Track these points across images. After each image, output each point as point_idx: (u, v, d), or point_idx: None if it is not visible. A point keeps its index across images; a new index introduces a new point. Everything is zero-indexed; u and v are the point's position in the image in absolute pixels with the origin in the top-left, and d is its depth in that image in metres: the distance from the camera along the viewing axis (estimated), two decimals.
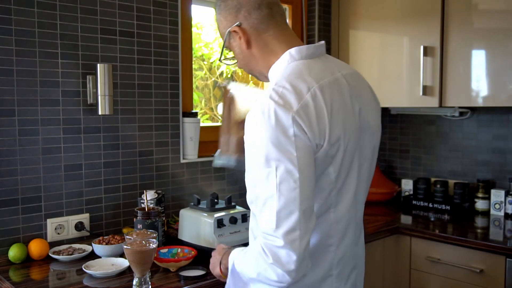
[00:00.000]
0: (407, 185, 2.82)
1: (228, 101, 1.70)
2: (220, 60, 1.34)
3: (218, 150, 1.67)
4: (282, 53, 1.21)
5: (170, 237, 1.93)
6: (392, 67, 2.56)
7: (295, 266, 1.03)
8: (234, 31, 1.22)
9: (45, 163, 1.87)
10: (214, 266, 1.34)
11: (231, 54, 1.34)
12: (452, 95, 2.35)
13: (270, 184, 1.04)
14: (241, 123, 1.69)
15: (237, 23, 1.21)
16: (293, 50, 1.20)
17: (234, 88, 1.75)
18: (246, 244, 1.77)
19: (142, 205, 1.86)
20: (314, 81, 1.12)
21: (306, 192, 1.05)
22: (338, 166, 1.14)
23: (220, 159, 1.65)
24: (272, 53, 1.23)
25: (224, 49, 1.30)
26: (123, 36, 2.06)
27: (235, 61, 1.33)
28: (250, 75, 1.87)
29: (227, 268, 1.26)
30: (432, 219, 2.44)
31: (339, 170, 1.15)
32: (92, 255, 1.76)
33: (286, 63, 1.19)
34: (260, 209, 1.07)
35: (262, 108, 1.06)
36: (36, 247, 1.75)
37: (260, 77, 1.31)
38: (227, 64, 1.43)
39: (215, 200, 1.84)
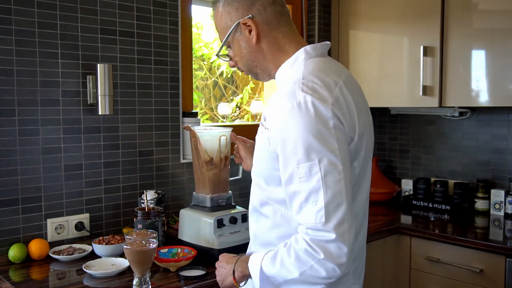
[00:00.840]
0: (407, 185, 2.82)
1: (194, 142, 1.74)
2: (217, 54, 1.30)
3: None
4: (292, 51, 1.20)
5: (170, 237, 1.93)
6: (392, 67, 2.56)
7: (346, 258, 1.01)
8: (245, 23, 1.19)
9: (45, 163, 1.87)
10: (226, 277, 1.24)
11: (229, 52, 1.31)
12: (452, 95, 2.35)
13: (313, 178, 1.02)
14: (209, 162, 1.74)
15: (249, 15, 1.19)
16: (308, 48, 1.19)
17: (198, 128, 1.78)
18: (246, 244, 1.77)
19: (142, 205, 1.86)
20: (337, 77, 1.13)
21: (348, 184, 1.04)
22: (361, 160, 1.16)
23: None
24: (282, 51, 1.21)
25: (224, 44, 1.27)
26: (123, 36, 2.06)
27: (229, 59, 1.29)
28: (249, 76, 1.86)
29: (245, 276, 1.19)
30: (432, 219, 2.44)
31: (361, 165, 1.17)
32: (92, 255, 1.76)
33: (303, 60, 1.18)
34: (301, 205, 1.04)
35: (297, 101, 1.04)
36: (36, 247, 1.75)
37: (262, 74, 1.27)
38: (224, 61, 1.37)
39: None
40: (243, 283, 1.22)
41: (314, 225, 1.02)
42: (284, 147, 1.06)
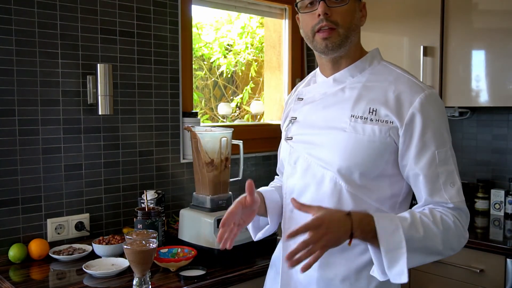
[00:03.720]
0: None
1: (195, 143, 1.74)
2: None
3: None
4: (364, 50, 1.28)
5: (170, 237, 1.93)
6: None
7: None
8: (361, 0, 1.26)
9: (45, 163, 1.87)
10: (340, 239, 1.04)
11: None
12: (452, 95, 2.35)
13: (453, 161, 1.17)
14: (209, 163, 1.73)
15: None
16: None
17: (198, 130, 1.78)
18: (246, 244, 1.77)
19: (142, 205, 1.87)
20: None
21: None
22: None
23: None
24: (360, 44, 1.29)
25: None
26: (123, 36, 2.06)
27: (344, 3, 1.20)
28: (249, 76, 1.85)
29: (364, 238, 1.05)
30: None
31: None
32: (92, 255, 1.76)
33: (380, 58, 1.28)
34: (451, 182, 1.15)
35: (436, 95, 1.18)
36: (36, 247, 1.75)
37: (342, 47, 1.20)
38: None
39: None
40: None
41: (460, 203, 1.14)
42: (433, 131, 1.16)
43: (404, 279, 1.04)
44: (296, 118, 1.31)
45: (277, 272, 1.34)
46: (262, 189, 1.39)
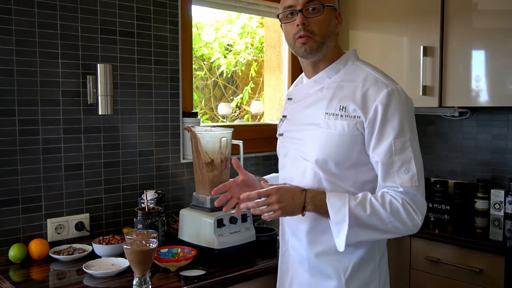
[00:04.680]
0: None
1: (195, 143, 1.74)
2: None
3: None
4: (341, 52, 1.41)
5: (170, 237, 1.93)
6: (392, 67, 2.56)
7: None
8: (335, 9, 1.36)
9: (45, 163, 1.87)
10: (293, 208, 1.27)
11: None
12: (452, 95, 2.35)
13: (412, 151, 1.28)
14: (209, 163, 1.74)
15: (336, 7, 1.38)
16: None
17: (198, 130, 1.78)
18: (246, 244, 1.77)
19: (142, 205, 1.87)
20: None
21: None
22: None
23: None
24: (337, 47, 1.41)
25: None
26: (123, 36, 2.06)
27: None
28: (249, 76, 1.87)
29: (316, 211, 1.28)
30: (432, 219, 2.44)
31: None
32: (92, 255, 1.76)
33: (354, 59, 1.40)
34: (405, 169, 1.27)
35: (399, 90, 1.29)
36: (36, 247, 1.75)
37: (319, 51, 1.34)
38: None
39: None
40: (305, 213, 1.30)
41: (410, 188, 1.25)
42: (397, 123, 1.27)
43: (341, 248, 1.25)
44: (286, 116, 1.48)
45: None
46: (266, 176, 1.62)
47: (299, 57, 1.39)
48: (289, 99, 1.50)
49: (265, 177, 1.61)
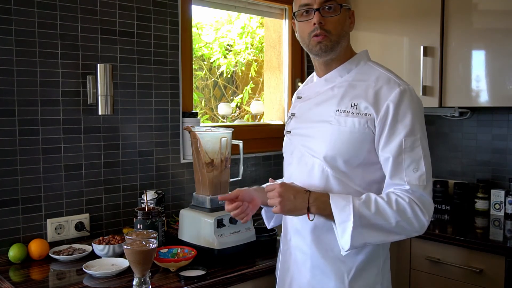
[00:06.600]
0: None
1: (195, 144, 1.74)
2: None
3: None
4: (353, 52, 1.44)
5: (170, 237, 1.93)
6: (392, 67, 2.52)
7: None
8: (349, 8, 1.39)
9: (45, 163, 1.87)
10: (297, 209, 1.28)
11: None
12: (452, 95, 2.35)
13: (422, 150, 1.28)
14: (209, 164, 1.75)
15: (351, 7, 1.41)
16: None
17: (198, 130, 1.78)
18: (246, 244, 1.78)
19: (142, 205, 1.86)
20: None
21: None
22: None
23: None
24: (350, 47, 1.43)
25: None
26: (123, 36, 2.06)
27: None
28: (249, 76, 1.87)
29: (320, 214, 1.27)
30: (432, 219, 2.43)
31: None
32: (92, 255, 1.76)
33: (367, 59, 1.43)
34: (414, 168, 1.26)
35: (411, 90, 1.32)
36: (36, 247, 1.75)
37: (333, 50, 1.36)
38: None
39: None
40: (312, 217, 1.30)
41: (417, 187, 1.25)
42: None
43: (346, 247, 1.23)
44: (294, 114, 1.48)
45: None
46: (271, 181, 1.59)
47: (312, 55, 1.39)
48: (299, 97, 1.50)
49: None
